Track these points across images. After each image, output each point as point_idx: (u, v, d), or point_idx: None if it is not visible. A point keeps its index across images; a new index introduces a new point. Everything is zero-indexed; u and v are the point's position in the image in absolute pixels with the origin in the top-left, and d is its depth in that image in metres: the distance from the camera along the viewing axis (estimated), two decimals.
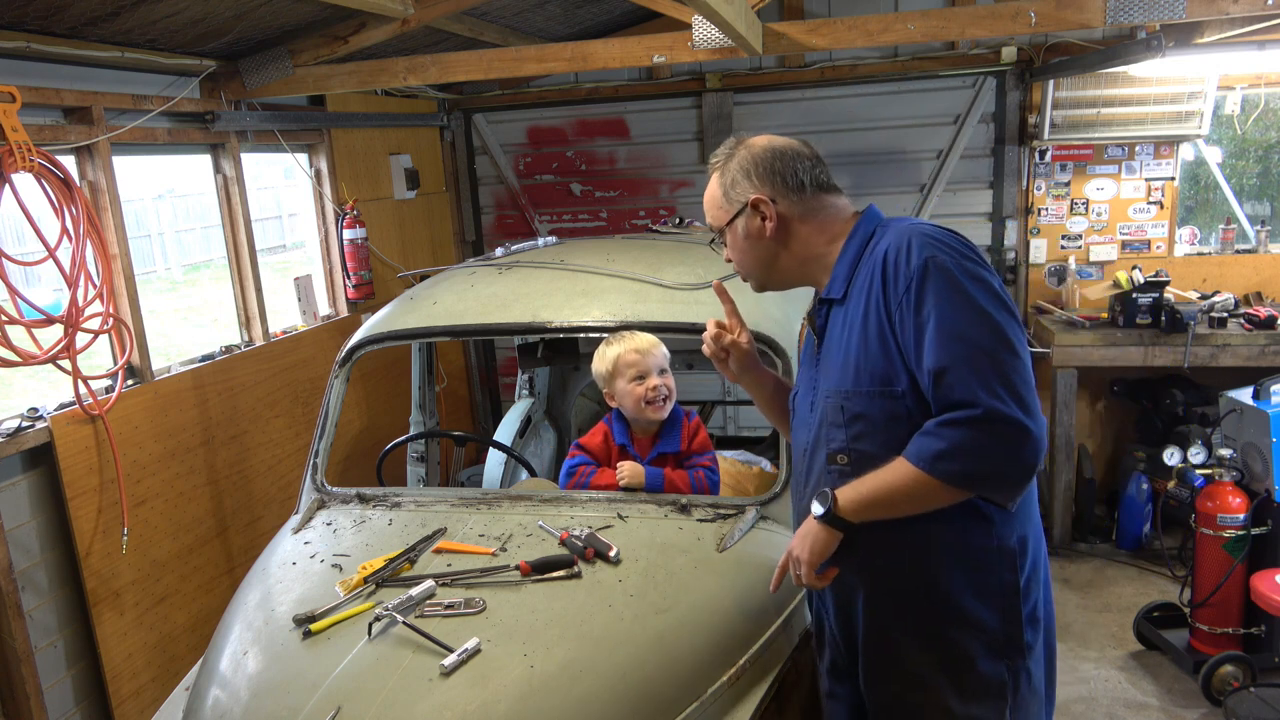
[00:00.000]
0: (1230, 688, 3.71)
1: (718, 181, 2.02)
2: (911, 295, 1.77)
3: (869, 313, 1.85)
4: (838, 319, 1.95)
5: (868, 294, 1.85)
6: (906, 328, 1.78)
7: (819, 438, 1.95)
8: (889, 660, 1.95)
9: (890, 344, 1.81)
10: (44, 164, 3.13)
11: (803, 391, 2.08)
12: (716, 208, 2.03)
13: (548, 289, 2.99)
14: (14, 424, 3.20)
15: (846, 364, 1.89)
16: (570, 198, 6.35)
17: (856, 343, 1.87)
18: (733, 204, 1.99)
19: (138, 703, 3.59)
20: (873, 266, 1.86)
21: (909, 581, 1.89)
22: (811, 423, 1.99)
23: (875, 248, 1.89)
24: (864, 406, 1.86)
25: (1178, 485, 4.11)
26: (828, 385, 1.94)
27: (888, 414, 1.83)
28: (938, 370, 1.73)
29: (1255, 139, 5.61)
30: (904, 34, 3.79)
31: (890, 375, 1.82)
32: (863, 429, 1.86)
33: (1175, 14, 3.50)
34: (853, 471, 1.87)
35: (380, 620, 2.01)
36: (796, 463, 2.07)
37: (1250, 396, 3.88)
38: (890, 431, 1.82)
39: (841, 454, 1.90)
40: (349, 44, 4.07)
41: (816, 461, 1.96)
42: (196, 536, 3.93)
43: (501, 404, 6.62)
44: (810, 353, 2.07)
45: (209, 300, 12.76)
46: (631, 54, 3.98)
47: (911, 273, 1.77)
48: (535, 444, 4.36)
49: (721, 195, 2.01)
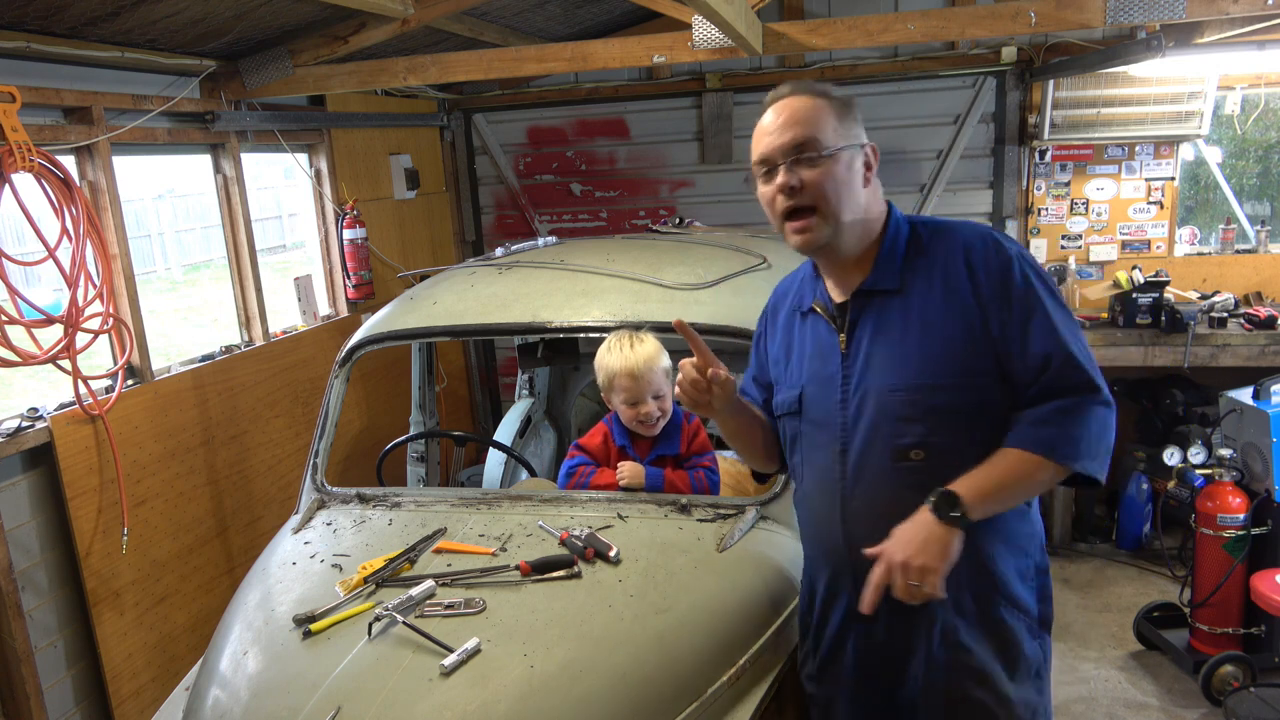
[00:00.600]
0: (1230, 688, 3.71)
1: (825, 106, 1.85)
2: (1011, 285, 1.80)
3: (949, 305, 1.83)
4: (890, 310, 1.88)
5: (944, 286, 1.84)
6: (1010, 316, 1.79)
7: (876, 434, 1.87)
8: (954, 655, 1.91)
9: (977, 334, 1.80)
10: (44, 164, 3.13)
11: (817, 388, 1.97)
12: (827, 128, 1.82)
13: (548, 289, 2.99)
14: (14, 424, 3.20)
15: (922, 356, 1.83)
16: (570, 198, 6.35)
17: (936, 335, 1.83)
18: (847, 136, 1.85)
19: (138, 703, 3.59)
20: (943, 261, 1.85)
21: (968, 571, 1.85)
22: (851, 420, 1.90)
23: (932, 245, 1.88)
24: (949, 399, 1.82)
25: (1178, 485, 4.11)
26: (890, 379, 1.85)
27: (974, 405, 1.82)
28: (1052, 355, 1.77)
29: (1255, 139, 5.61)
30: (904, 34, 3.79)
31: (976, 367, 1.81)
32: (942, 422, 1.82)
33: (1175, 14, 3.50)
34: (926, 467, 1.82)
35: (380, 620, 2.01)
36: (820, 462, 1.98)
37: (1250, 396, 3.88)
38: (974, 422, 1.82)
39: (916, 449, 1.84)
40: (349, 44, 4.07)
41: (872, 460, 1.88)
42: (196, 536, 3.93)
43: (501, 404, 6.62)
44: (824, 345, 1.98)
45: (209, 300, 12.76)
46: (631, 54, 3.98)
47: (1005, 264, 1.81)
48: (535, 444, 4.36)
49: (835, 120, 1.84)
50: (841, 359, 1.93)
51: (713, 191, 6.09)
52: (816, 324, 2.00)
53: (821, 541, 2.04)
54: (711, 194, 6.09)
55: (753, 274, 3.09)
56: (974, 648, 1.90)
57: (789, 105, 1.86)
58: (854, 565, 1.92)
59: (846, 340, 1.93)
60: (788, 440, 2.09)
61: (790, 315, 2.09)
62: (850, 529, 1.93)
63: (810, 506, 2.05)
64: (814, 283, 2.03)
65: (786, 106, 1.86)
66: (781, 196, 1.84)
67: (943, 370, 1.82)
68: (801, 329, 2.05)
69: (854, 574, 1.93)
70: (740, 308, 2.80)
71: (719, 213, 5.97)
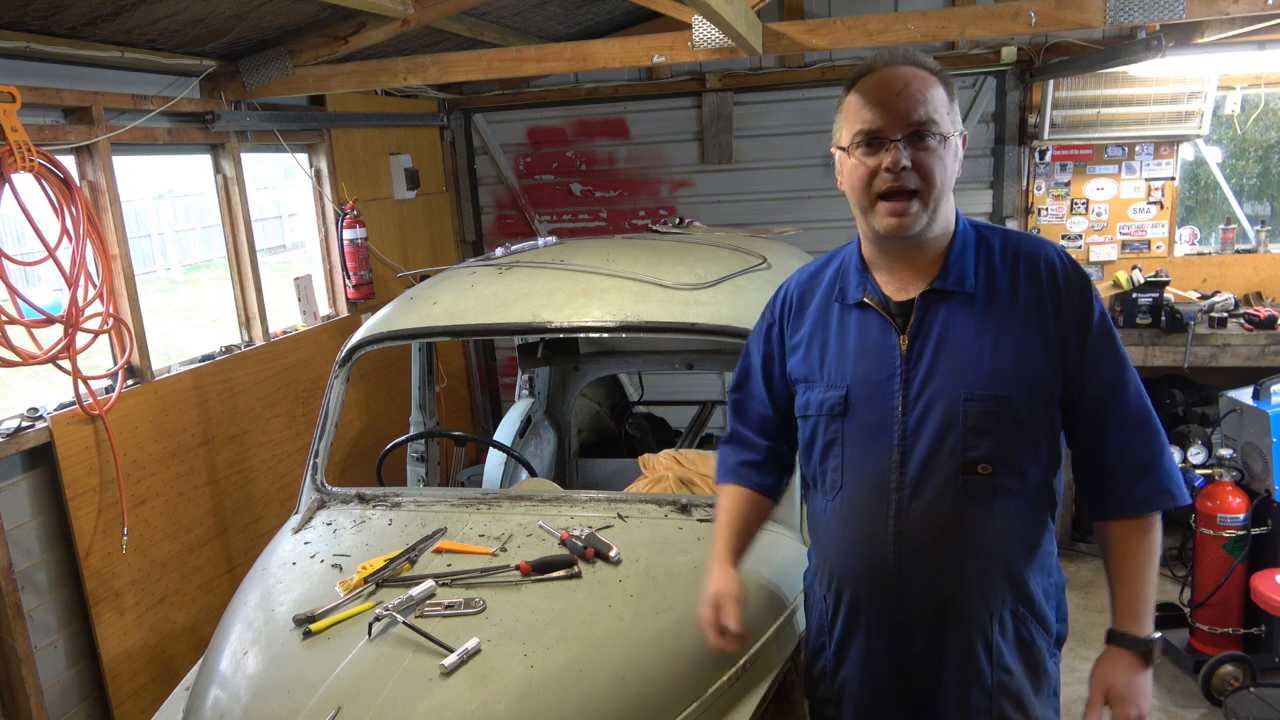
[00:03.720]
0: (1230, 688, 3.71)
1: (943, 90, 1.74)
2: (1091, 308, 1.78)
3: (1029, 318, 1.76)
4: (964, 314, 1.78)
5: (1026, 297, 1.77)
6: (1085, 338, 1.77)
7: (942, 444, 1.76)
8: (1000, 678, 1.85)
9: (1053, 350, 1.76)
10: (44, 164, 3.13)
11: (867, 390, 1.83)
12: (946, 112, 1.73)
13: (548, 289, 2.99)
14: (14, 424, 3.19)
15: (998, 366, 1.75)
16: (570, 198, 6.35)
17: (1014, 346, 1.75)
18: (956, 123, 1.76)
19: (138, 703, 3.59)
20: (1024, 271, 1.79)
21: (1010, 591, 1.84)
22: (913, 427, 1.78)
23: (1007, 252, 1.82)
24: (1024, 413, 1.75)
25: None
26: (965, 386, 1.75)
27: (1043, 421, 1.78)
28: (1130, 385, 1.78)
29: (1255, 139, 5.61)
30: (904, 34, 3.79)
31: (1050, 384, 1.77)
32: (1015, 439, 1.76)
33: (1175, 14, 3.50)
34: (993, 482, 1.77)
35: (380, 620, 2.01)
36: (868, 469, 1.83)
37: (1250, 396, 3.88)
38: (1039, 438, 1.79)
39: (984, 463, 1.75)
40: (349, 44, 4.07)
41: (937, 471, 1.77)
42: (196, 536, 3.93)
43: (501, 404, 6.62)
44: (875, 344, 1.84)
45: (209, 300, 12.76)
46: (631, 54, 3.98)
47: (1086, 286, 1.79)
48: (535, 444, 4.35)
49: (949, 102, 1.75)
50: (901, 361, 1.80)
51: (713, 191, 6.09)
52: (866, 320, 1.85)
53: (860, 553, 1.87)
54: (711, 194, 6.09)
55: (753, 274, 3.09)
56: (1014, 669, 1.86)
57: (908, 77, 1.71)
58: (900, 579, 1.82)
59: (909, 342, 1.80)
60: (819, 444, 1.91)
61: (824, 306, 1.93)
62: (903, 542, 1.80)
63: (852, 517, 1.87)
64: (861, 275, 1.87)
65: (905, 78, 1.71)
66: (887, 174, 1.70)
67: (1020, 384, 1.75)
68: (843, 322, 1.88)
69: (900, 589, 1.83)
70: (740, 308, 2.80)
71: (719, 213, 5.98)
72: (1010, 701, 1.85)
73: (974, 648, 1.84)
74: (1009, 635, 1.85)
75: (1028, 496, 1.81)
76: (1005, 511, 1.79)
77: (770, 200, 5.98)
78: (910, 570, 1.81)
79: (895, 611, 1.86)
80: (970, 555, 1.80)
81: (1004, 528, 1.80)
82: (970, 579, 1.81)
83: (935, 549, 1.79)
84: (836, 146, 1.81)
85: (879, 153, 1.71)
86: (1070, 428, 1.83)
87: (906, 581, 1.82)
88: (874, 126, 1.71)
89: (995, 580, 1.82)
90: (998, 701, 1.85)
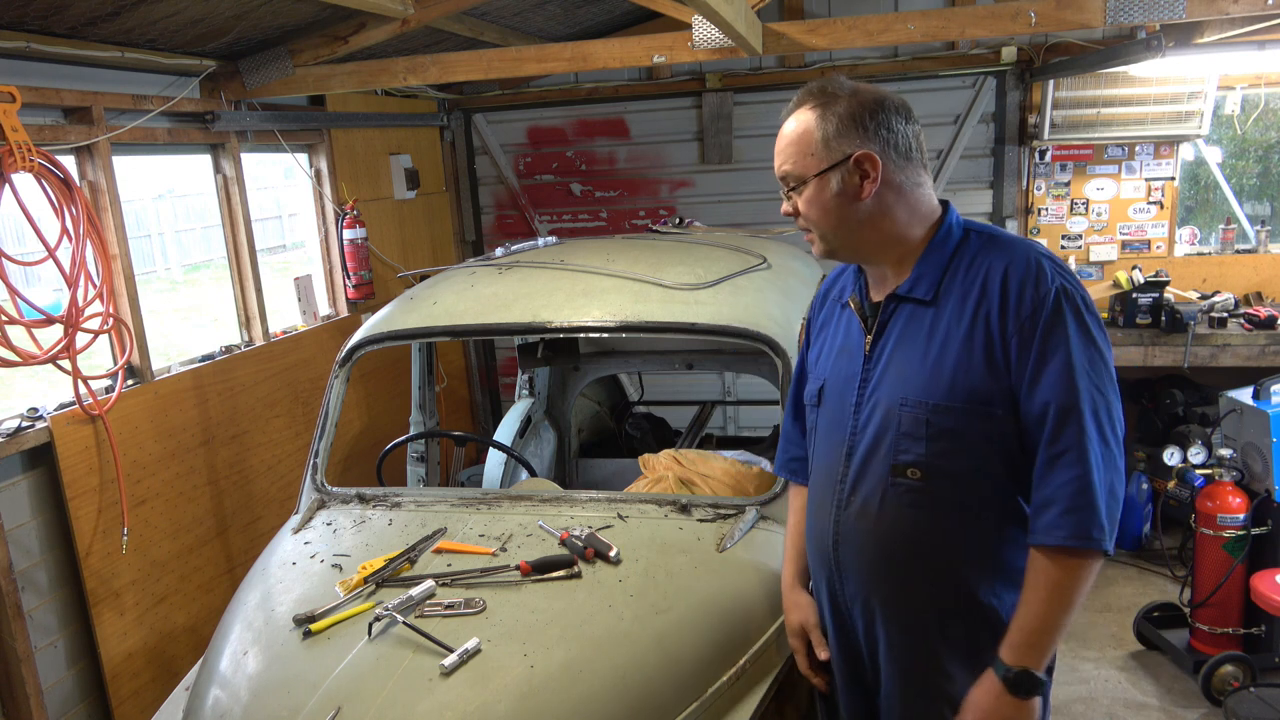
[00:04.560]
0: (1230, 688, 3.71)
1: (816, 122, 1.76)
2: (1039, 320, 1.68)
3: (974, 328, 1.73)
4: (919, 321, 1.81)
5: (975, 307, 1.74)
6: (1026, 352, 1.69)
7: (879, 444, 1.82)
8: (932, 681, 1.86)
9: (997, 365, 1.71)
10: (44, 164, 3.13)
11: (838, 385, 1.93)
12: (807, 154, 1.76)
13: (548, 289, 2.99)
14: (14, 424, 3.19)
15: (937, 375, 1.75)
16: (570, 198, 6.35)
17: (954, 355, 1.74)
18: (832, 153, 1.75)
19: (138, 703, 3.59)
20: (981, 279, 1.75)
21: (949, 599, 1.82)
22: (861, 425, 1.85)
23: (978, 259, 1.78)
24: (956, 423, 1.74)
25: (1178, 485, 4.11)
26: (902, 392, 1.79)
27: (983, 434, 1.74)
28: (1051, 404, 1.66)
29: (1255, 139, 5.61)
30: (904, 34, 3.79)
31: (991, 396, 1.72)
32: (949, 446, 1.75)
33: (1175, 14, 3.50)
34: (923, 487, 1.77)
35: (380, 620, 2.01)
36: (827, 459, 1.94)
37: (1250, 396, 3.88)
38: (981, 451, 1.75)
39: (914, 468, 1.78)
40: (349, 44, 4.07)
41: (872, 470, 1.83)
42: (196, 536, 3.93)
43: (501, 404, 6.62)
44: (852, 343, 1.93)
45: (209, 300, 12.77)
46: (631, 54, 3.98)
47: (1041, 298, 1.69)
48: (535, 444, 4.35)
49: (819, 140, 1.75)
50: (864, 361, 1.87)
51: (713, 191, 6.09)
52: (850, 320, 1.95)
53: (814, 536, 2.00)
54: (711, 194, 6.09)
55: (753, 274, 3.09)
56: (956, 676, 1.83)
57: (784, 131, 1.82)
58: (839, 567, 1.92)
59: (872, 343, 1.87)
60: (808, 430, 2.08)
61: (832, 304, 2.06)
62: (839, 532, 1.90)
63: (812, 500, 2.02)
64: (857, 277, 1.97)
65: (783, 132, 1.83)
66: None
67: (959, 394, 1.73)
68: (838, 321, 2.01)
69: (840, 576, 1.92)
70: (740, 308, 2.80)
71: (719, 213, 5.98)
72: (950, 707, 1.83)
73: (911, 647, 1.87)
74: (955, 642, 1.83)
75: (974, 508, 1.78)
76: (944, 520, 1.79)
77: (770, 200, 5.96)
78: (844, 560, 1.91)
79: (838, 597, 1.96)
80: (900, 557, 1.83)
81: (941, 536, 1.79)
82: (896, 579, 1.85)
83: (863, 543, 1.87)
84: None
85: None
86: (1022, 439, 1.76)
87: (844, 571, 1.92)
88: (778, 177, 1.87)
89: (929, 585, 1.83)
90: (936, 705, 1.86)
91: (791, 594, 2.11)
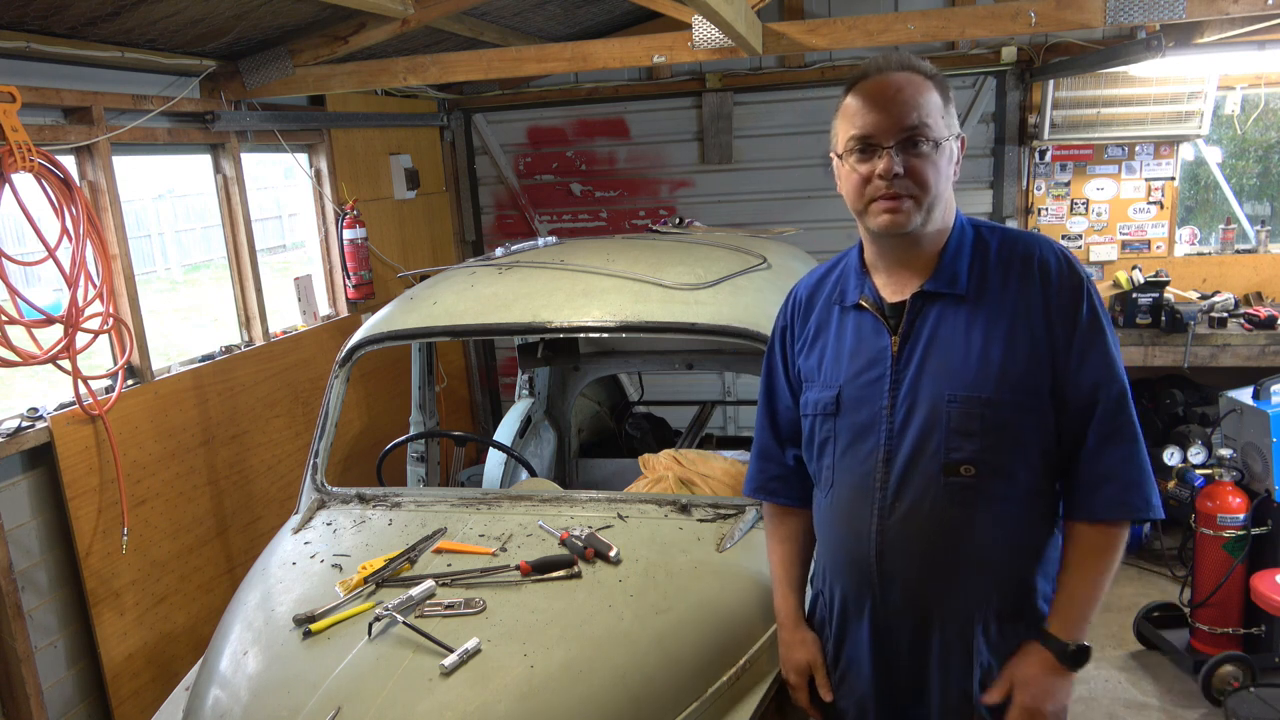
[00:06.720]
0: (1230, 688, 3.71)
1: (934, 90, 1.74)
2: (1080, 306, 1.74)
3: (1016, 317, 1.74)
4: (954, 316, 1.78)
5: (1015, 297, 1.76)
6: (1069, 339, 1.73)
7: (925, 444, 1.77)
8: (978, 681, 1.84)
9: (1041, 352, 1.73)
10: (44, 164, 3.13)
11: (857, 390, 1.85)
12: (939, 115, 1.72)
13: (548, 289, 2.99)
14: (14, 424, 3.19)
15: (984, 368, 1.74)
16: (570, 198, 6.35)
17: (1000, 347, 1.74)
18: (951, 126, 1.75)
19: (138, 703, 3.59)
20: (1016, 272, 1.77)
21: (1011, 600, 1.84)
22: (899, 427, 1.80)
23: (1002, 253, 1.80)
24: (1010, 417, 1.74)
25: (1178, 485, 4.11)
26: (949, 389, 1.75)
27: (1030, 425, 1.75)
28: (1109, 388, 1.73)
29: (1255, 139, 5.61)
30: (904, 34, 3.79)
31: (1038, 386, 1.74)
32: (1000, 440, 1.74)
33: (1175, 14, 3.50)
34: (976, 483, 1.76)
35: (380, 620, 2.01)
36: (859, 468, 1.85)
37: (1250, 396, 3.88)
38: (1027, 442, 1.76)
39: (967, 464, 1.75)
40: (349, 44, 4.07)
41: (920, 471, 1.78)
42: (196, 536, 3.93)
43: (501, 404, 6.62)
44: (868, 345, 1.86)
45: (209, 300, 12.76)
46: (631, 54, 3.98)
47: (1076, 283, 1.75)
48: (535, 444, 4.35)
49: (942, 108, 1.74)
50: (892, 362, 1.82)
51: (713, 191, 6.09)
52: (861, 321, 1.88)
53: (847, 551, 1.90)
54: (711, 194, 6.09)
55: (753, 274, 3.09)
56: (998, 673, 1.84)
57: (902, 83, 1.71)
58: (882, 578, 1.85)
59: (900, 343, 1.81)
60: (816, 443, 1.94)
61: (826, 307, 1.96)
62: (885, 541, 1.82)
63: (840, 514, 1.91)
64: (860, 277, 1.90)
65: (899, 84, 1.71)
66: (881, 181, 1.71)
67: (1005, 385, 1.73)
68: (841, 324, 1.92)
69: (882, 588, 1.86)
70: (740, 308, 2.80)
71: (719, 213, 5.98)
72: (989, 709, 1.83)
73: (957, 650, 1.85)
74: (994, 639, 1.84)
75: (1017, 499, 1.79)
76: (991, 514, 1.78)
77: (770, 200, 5.98)
78: (891, 570, 1.83)
79: (879, 611, 1.88)
80: (952, 557, 1.80)
81: (990, 530, 1.79)
82: (952, 581, 1.82)
83: (916, 549, 1.81)
84: (834, 152, 1.83)
85: (872, 159, 1.73)
86: (1057, 426, 1.80)
87: (888, 581, 1.84)
88: (867, 133, 1.72)
89: (979, 583, 1.82)
90: (979, 705, 1.85)
91: (797, 631, 2.03)
